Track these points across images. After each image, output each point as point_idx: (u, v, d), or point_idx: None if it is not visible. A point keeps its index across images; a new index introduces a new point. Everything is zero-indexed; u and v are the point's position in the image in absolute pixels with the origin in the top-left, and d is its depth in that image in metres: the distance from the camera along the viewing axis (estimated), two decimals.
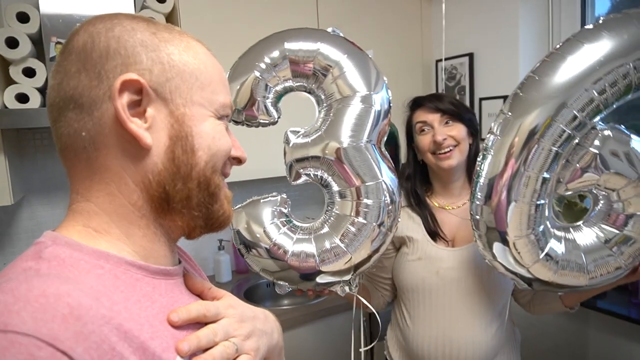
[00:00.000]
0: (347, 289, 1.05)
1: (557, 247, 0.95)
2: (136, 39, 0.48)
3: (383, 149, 1.03)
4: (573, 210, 1.42)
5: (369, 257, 1.01)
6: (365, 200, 0.97)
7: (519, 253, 0.94)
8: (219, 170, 0.53)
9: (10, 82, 1.44)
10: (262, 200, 1.03)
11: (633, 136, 0.94)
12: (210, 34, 1.70)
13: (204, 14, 1.70)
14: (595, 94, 0.86)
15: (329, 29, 1.02)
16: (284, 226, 1.01)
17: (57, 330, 0.35)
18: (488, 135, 0.95)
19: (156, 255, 0.51)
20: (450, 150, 1.14)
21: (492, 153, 0.93)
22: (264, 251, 0.99)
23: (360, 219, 0.98)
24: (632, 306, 1.57)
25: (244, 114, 0.99)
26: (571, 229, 0.99)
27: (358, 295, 1.12)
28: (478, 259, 1.12)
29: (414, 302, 1.19)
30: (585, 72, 0.86)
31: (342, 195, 0.99)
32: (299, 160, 0.99)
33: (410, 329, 1.20)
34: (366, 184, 0.97)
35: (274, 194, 1.05)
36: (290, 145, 0.99)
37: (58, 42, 1.47)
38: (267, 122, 1.01)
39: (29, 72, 1.46)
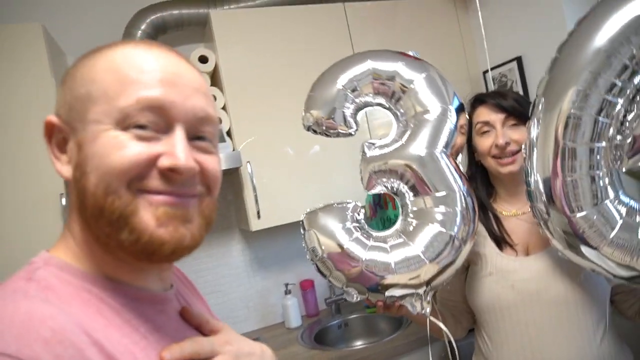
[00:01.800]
0: (418, 305, 0.99)
1: (630, 230, 0.82)
2: (68, 72, 0.50)
3: (457, 161, 1.05)
4: None
5: (444, 268, 0.97)
6: (440, 209, 0.97)
7: (583, 232, 0.84)
8: (117, 192, 0.44)
9: None
10: (336, 205, 1.04)
11: None
12: (253, 86, 1.78)
13: (244, 68, 1.79)
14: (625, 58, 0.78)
15: (410, 52, 1.10)
16: (357, 231, 1.00)
17: (39, 352, 0.36)
18: (530, 125, 0.87)
19: (137, 279, 0.50)
20: (514, 155, 1.04)
21: (537, 147, 0.87)
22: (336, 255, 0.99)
23: (437, 227, 0.96)
24: None
25: (324, 124, 1.02)
26: None
27: (430, 317, 1.02)
28: (557, 265, 1.00)
29: (494, 323, 1.07)
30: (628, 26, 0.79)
31: (417, 204, 0.99)
32: (377, 171, 1.00)
33: (495, 354, 1.07)
34: (441, 193, 0.98)
35: (349, 200, 1.05)
36: (368, 156, 1.01)
37: None
38: (345, 132, 1.04)
39: None
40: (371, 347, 1.64)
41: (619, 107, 0.80)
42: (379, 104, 1.05)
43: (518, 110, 1.04)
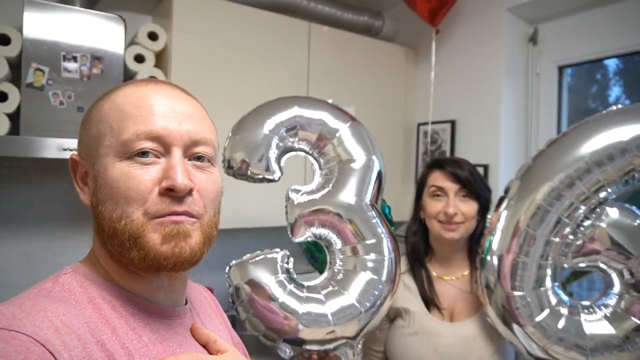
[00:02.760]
0: (350, 354, 0.99)
1: (554, 319, 0.92)
2: (85, 115, 0.58)
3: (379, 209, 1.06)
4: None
5: (376, 315, 1.00)
6: (370, 256, 0.98)
7: (517, 308, 0.93)
8: (130, 216, 0.51)
9: None
10: (266, 256, 1.00)
11: None
12: (201, 75, 1.67)
13: (196, 55, 1.68)
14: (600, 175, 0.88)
15: (329, 100, 1.10)
16: (289, 283, 0.98)
17: (50, 337, 0.43)
18: (497, 211, 0.94)
19: (147, 292, 0.56)
20: (458, 224, 1.11)
21: (503, 224, 0.94)
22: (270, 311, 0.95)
23: (369, 275, 0.98)
24: None
25: (249, 169, 0.99)
26: (580, 307, 0.96)
27: None
28: (478, 335, 1.08)
29: None
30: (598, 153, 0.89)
31: (346, 252, 1.00)
32: (305, 217, 0.99)
33: None
34: (370, 241, 0.99)
35: (277, 250, 1.02)
36: (296, 203, 1.00)
37: (38, 69, 1.39)
38: (270, 178, 1.02)
39: (1, 96, 1.36)
40: None
41: (580, 212, 0.90)
42: (302, 150, 1.06)
43: (471, 184, 1.11)
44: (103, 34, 1.50)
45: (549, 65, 1.93)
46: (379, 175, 1.04)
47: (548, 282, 0.92)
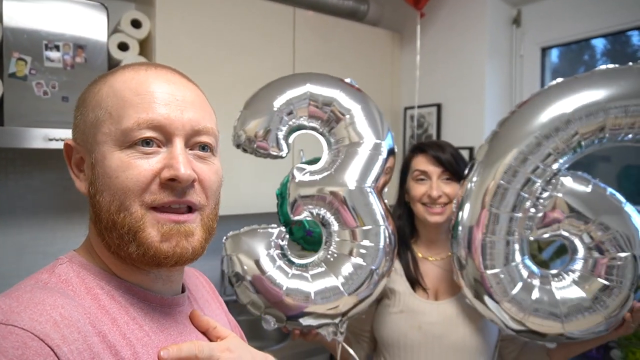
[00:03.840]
0: (332, 332, 1.02)
1: (527, 291, 0.95)
2: (79, 99, 0.56)
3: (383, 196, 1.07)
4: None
5: (361, 301, 1.01)
6: (364, 242, 0.99)
7: (491, 287, 0.96)
8: (128, 209, 0.50)
9: None
10: (260, 230, 1.01)
11: (592, 180, 0.98)
12: (186, 62, 1.66)
13: (181, 42, 1.67)
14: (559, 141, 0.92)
15: (347, 80, 1.08)
16: (280, 259, 1.00)
17: (48, 330, 0.42)
18: (464, 183, 0.97)
19: (145, 282, 0.55)
20: (443, 207, 1.13)
21: (468, 204, 0.96)
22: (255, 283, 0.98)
23: (359, 260, 0.98)
24: (585, 359, 1.61)
25: (255, 144, 0.99)
26: (550, 276, 0.99)
27: (343, 343, 1.07)
28: (460, 313, 1.11)
29: (394, 357, 1.15)
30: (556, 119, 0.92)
31: (342, 236, 1.00)
32: (304, 197, 1.00)
33: None
34: (367, 227, 1.00)
35: (274, 225, 1.03)
36: (297, 181, 1.00)
37: (20, 59, 1.38)
38: (276, 154, 1.02)
39: None
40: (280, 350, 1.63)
41: (537, 185, 0.93)
42: (313, 128, 1.05)
43: (453, 167, 1.14)
44: (85, 22, 1.48)
45: (532, 46, 1.96)
46: (386, 161, 1.03)
47: (517, 257, 0.95)
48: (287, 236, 1.04)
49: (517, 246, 0.95)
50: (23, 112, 1.39)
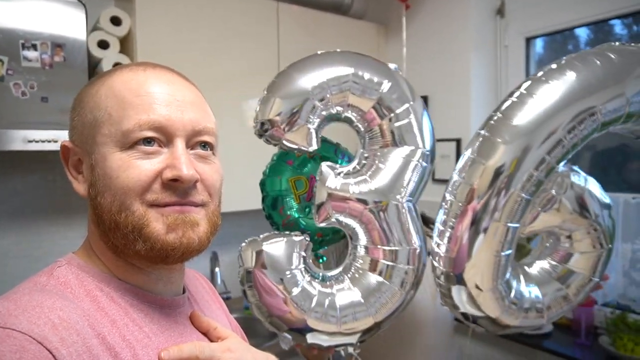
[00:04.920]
0: (350, 349, 0.95)
1: (519, 290, 0.94)
2: (76, 100, 0.55)
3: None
4: (521, 253, 1.46)
5: (383, 321, 0.92)
6: (393, 263, 0.88)
7: (484, 304, 0.90)
8: (130, 208, 0.50)
9: None
10: (285, 240, 0.89)
11: (589, 178, 0.97)
12: (168, 60, 1.63)
13: (162, 39, 1.64)
14: (564, 135, 0.82)
15: (391, 66, 0.93)
16: (306, 274, 0.90)
17: (47, 333, 0.42)
18: (451, 178, 0.89)
19: (147, 283, 0.55)
20: None
21: (454, 196, 0.87)
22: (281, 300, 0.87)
23: (386, 281, 0.89)
24: (576, 346, 1.63)
25: (284, 137, 0.86)
26: (525, 267, 0.99)
27: (358, 357, 1.00)
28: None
29: None
30: (552, 111, 0.82)
31: (370, 251, 0.89)
32: (335, 203, 0.87)
33: None
34: (396, 247, 0.88)
35: (297, 233, 0.91)
36: (328, 183, 0.87)
37: None
38: (305, 149, 0.87)
39: None
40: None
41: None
42: (348, 121, 0.91)
43: None
44: (63, 19, 1.45)
45: (516, 37, 1.96)
46: (424, 173, 0.91)
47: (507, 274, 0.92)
48: (310, 245, 0.93)
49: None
50: (1, 114, 1.36)
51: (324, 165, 0.89)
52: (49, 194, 1.69)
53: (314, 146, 0.87)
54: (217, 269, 1.94)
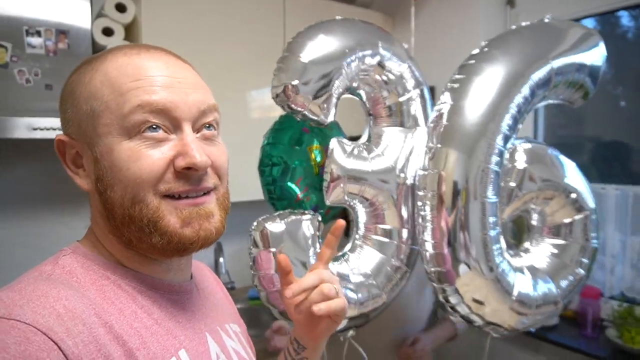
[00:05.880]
0: (351, 331, 0.95)
1: (525, 285, 0.90)
2: (66, 90, 0.52)
3: None
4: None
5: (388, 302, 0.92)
6: (409, 246, 0.87)
7: (486, 299, 0.85)
8: (144, 200, 0.48)
9: None
10: (303, 219, 0.84)
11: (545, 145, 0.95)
12: (173, 47, 1.61)
13: (167, 27, 1.61)
14: (513, 108, 0.85)
15: (405, 46, 0.95)
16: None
17: (52, 324, 0.41)
18: (419, 172, 0.86)
19: (156, 272, 0.54)
20: None
21: (425, 188, 0.84)
22: None
23: (401, 264, 0.88)
24: (581, 338, 1.63)
25: (309, 106, 0.79)
26: (524, 255, 0.96)
27: (352, 341, 1.00)
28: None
29: None
30: (499, 92, 0.86)
31: (387, 233, 0.87)
32: (352, 178, 0.83)
33: None
34: (388, 226, 0.87)
35: (311, 211, 0.88)
36: (341, 161, 0.83)
37: (0, 45, 1.32)
38: (321, 121, 0.82)
39: None
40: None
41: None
42: (360, 96, 0.88)
43: None
44: (67, 6, 1.42)
45: None
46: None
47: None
48: (322, 226, 0.90)
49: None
50: (5, 101, 1.34)
51: (336, 142, 0.85)
52: (54, 182, 1.68)
53: (331, 117, 0.83)
54: (221, 259, 1.93)
